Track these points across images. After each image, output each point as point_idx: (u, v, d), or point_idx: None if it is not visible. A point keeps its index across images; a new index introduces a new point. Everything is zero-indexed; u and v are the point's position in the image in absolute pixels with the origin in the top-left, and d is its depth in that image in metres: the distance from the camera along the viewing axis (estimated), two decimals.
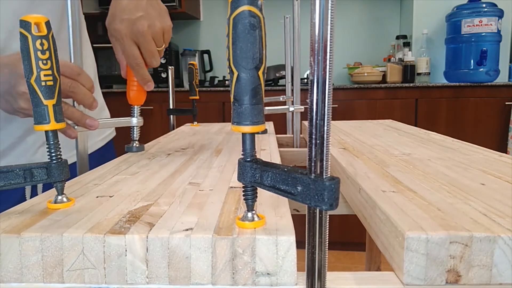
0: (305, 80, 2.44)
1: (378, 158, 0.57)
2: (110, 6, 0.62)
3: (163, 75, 2.57)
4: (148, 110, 2.38)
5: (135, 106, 0.66)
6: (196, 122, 1.11)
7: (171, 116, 1.06)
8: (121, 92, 2.44)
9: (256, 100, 0.29)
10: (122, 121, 0.66)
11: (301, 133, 1.02)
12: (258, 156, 0.31)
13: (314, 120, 0.25)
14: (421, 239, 0.28)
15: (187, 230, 0.30)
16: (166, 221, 0.32)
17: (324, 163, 0.25)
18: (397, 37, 2.68)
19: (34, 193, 0.72)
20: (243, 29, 0.28)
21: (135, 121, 0.66)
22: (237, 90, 0.29)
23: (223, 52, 2.93)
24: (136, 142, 0.67)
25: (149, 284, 0.30)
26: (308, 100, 0.25)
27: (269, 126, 1.02)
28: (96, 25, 2.86)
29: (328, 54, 0.24)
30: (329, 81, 0.24)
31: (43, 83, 0.35)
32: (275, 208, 0.35)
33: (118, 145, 0.85)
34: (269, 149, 0.68)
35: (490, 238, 0.28)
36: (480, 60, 2.31)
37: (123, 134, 0.88)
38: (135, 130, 0.67)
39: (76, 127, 0.58)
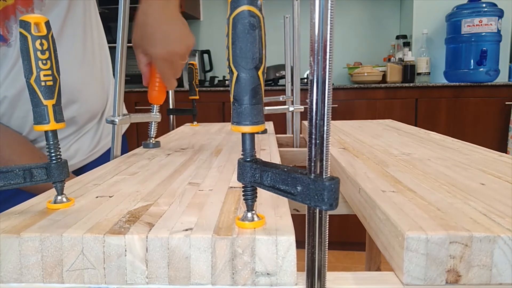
0: (305, 80, 2.44)
1: (378, 158, 0.57)
2: (145, 19, 0.65)
3: None
4: (148, 110, 2.38)
5: (154, 105, 0.73)
6: (195, 122, 1.11)
7: (171, 116, 1.06)
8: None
9: (256, 100, 0.29)
10: (145, 117, 0.73)
11: (301, 133, 1.02)
12: (258, 156, 0.31)
13: (314, 120, 0.25)
14: (421, 239, 0.28)
15: (186, 230, 0.30)
16: (165, 221, 0.32)
17: (324, 163, 0.25)
18: (397, 37, 2.68)
19: None
20: (243, 29, 0.28)
21: (156, 116, 0.74)
22: (236, 90, 0.29)
23: (223, 52, 2.93)
24: (153, 138, 0.73)
25: (148, 284, 0.29)
26: (308, 100, 0.25)
27: (269, 126, 1.02)
28: None
29: (327, 54, 0.24)
30: (328, 81, 0.24)
31: (42, 83, 0.35)
32: (275, 208, 0.35)
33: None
34: (269, 149, 0.68)
35: (490, 238, 0.28)
36: (480, 60, 2.31)
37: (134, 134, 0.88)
38: (152, 127, 0.73)
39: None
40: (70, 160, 0.76)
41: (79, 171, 0.79)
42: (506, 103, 2.27)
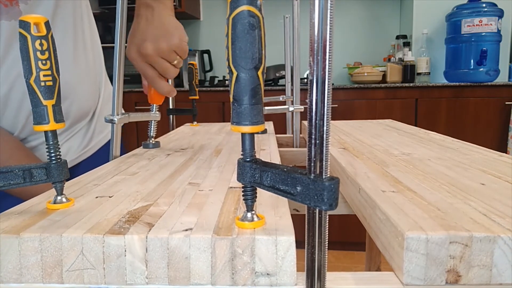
0: (305, 80, 2.44)
1: (378, 158, 0.57)
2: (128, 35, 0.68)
3: None
4: (148, 110, 2.38)
5: (154, 105, 0.73)
6: (195, 122, 1.11)
7: (171, 116, 1.06)
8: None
9: (256, 100, 0.29)
10: (144, 115, 0.72)
11: (301, 133, 1.02)
12: (257, 156, 0.31)
13: (313, 120, 0.25)
14: (421, 239, 0.28)
15: (186, 230, 0.30)
16: (165, 221, 0.32)
17: (324, 163, 0.25)
18: (397, 37, 2.68)
19: None
20: (242, 29, 0.27)
21: (155, 115, 0.74)
22: (236, 90, 0.29)
23: (223, 52, 2.92)
24: (152, 138, 0.73)
25: (148, 285, 0.29)
26: (307, 100, 0.25)
27: (269, 126, 1.02)
28: (97, 25, 2.86)
29: (327, 54, 0.24)
30: (328, 81, 0.24)
31: (42, 84, 0.35)
32: (274, 208, 0.35)
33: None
34: (268, 149, 0.68)
35: (490, 238, 0.28)
36: (480, 60, 2.31)
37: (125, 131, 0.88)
38: (152, 127, 0.73)
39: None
40: None
41: (70, 171, 0.79)
42: (506, 103, 2.27)
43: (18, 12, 0.65)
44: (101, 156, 0.83)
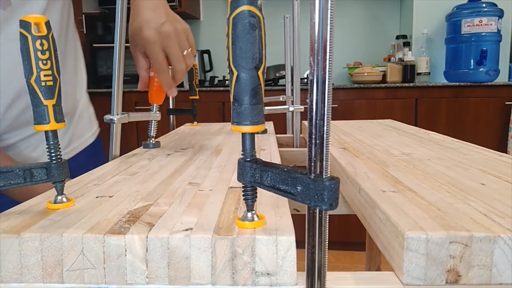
0: (305, 80, 2.44)
1: (378, 158, 0.57)
2: (133, 21, 0.66)
3: None
4: (148, 110, 2.38)
5: (154, 105, 0.73)
6: (195, 122, 1.11)
7: (171, 116, 1.06)
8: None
9: (256, 100, 0.29)
10: (144, 115, 0.72)
11: (301, 133, 1.02)
12: (258, 156, 0.31)
13: (314, 120, 0.25)
14: (421, 239, 0.28)
15: (186, 230, 0.30)
16: (165, 221, 0.32)
17: (324, 163, 0.25)
18: (397, 37, 2.68)
19: None
20: (243, 29, 0.28)
21: (155, 115, 0.73)
22: (236, 90, 0.29)
23: (223, 52, 2.93)
24: (153, 138, 0.73)
25: (148, 284, 0.30)
26: (308, 100, 0.25)
27: (269, 126, 1.02)
28: (96, 25, 2.87)
29: (327, 54, 0.24)
30: (328, 81, 0.24)
31: (43, 83, 0.35)
32: (275, 208, 0.35)
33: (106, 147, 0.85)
34: (269, 149, 0.68)
35: (490, 238, 0.28)
36: (480, 60, 2.31)
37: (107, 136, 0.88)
38: (152, 127, 0.73)
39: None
40: (36, 161, 0.74)
41: None
42: (506, 103, 2.28)
43: (8, 4, 0.65)
44: (80, 161, 0.82)
